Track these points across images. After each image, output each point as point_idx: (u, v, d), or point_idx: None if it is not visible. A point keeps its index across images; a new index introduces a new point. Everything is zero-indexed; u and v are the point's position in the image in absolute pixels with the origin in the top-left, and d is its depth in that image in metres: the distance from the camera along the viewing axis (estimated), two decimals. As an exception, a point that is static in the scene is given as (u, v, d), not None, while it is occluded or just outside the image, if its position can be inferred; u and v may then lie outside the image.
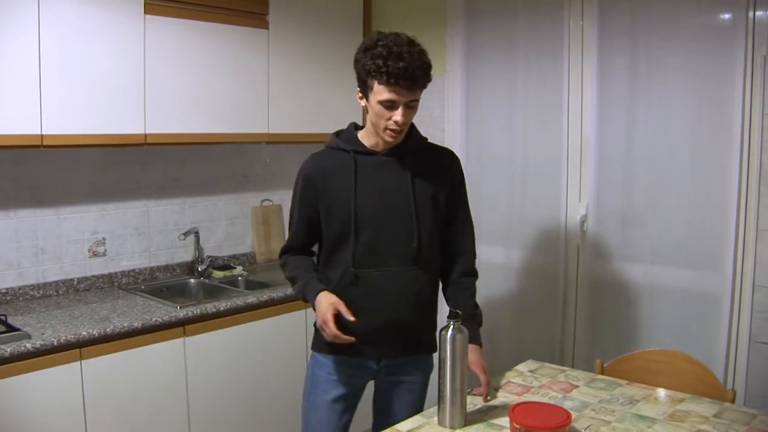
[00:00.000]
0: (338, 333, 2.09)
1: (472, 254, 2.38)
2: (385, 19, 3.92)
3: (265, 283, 3.45)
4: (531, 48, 3.37)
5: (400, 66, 2.01)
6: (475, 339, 2.21)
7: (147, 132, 2.98)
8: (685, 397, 2.17)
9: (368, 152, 2.22)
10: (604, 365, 2.47)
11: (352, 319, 2.09)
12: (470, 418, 2.02)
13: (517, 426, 1.83)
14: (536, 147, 3.40)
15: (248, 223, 3.90)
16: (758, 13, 2.71)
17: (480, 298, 2.35)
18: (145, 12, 2.93)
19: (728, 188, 2.81)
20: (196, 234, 3.58)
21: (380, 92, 2.07)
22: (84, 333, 2.59)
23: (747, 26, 2.72)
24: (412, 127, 2.27)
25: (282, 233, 4.02)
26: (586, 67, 3.18)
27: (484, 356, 2.23)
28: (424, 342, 2.34)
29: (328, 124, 3.76)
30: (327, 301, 2.14)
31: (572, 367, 2.50)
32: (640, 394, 2.20)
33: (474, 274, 2.37)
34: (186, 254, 3.60)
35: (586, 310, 3.28)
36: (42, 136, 2.68)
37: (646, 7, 3.00)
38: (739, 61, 2.74)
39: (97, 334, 2.62)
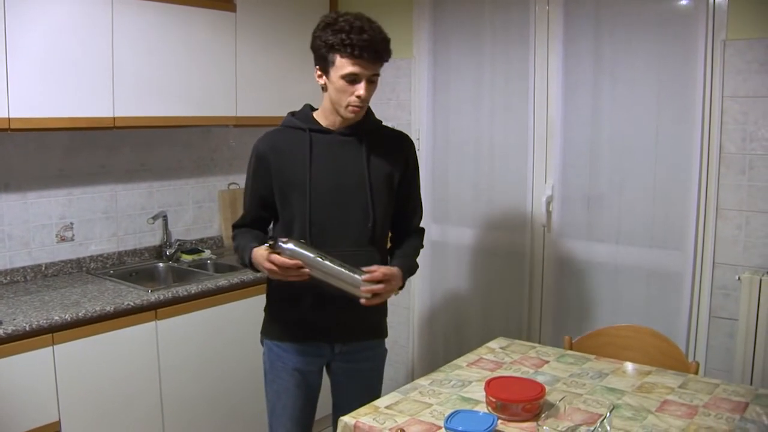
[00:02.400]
0: (287, 261, 2.02)
1: (419, 221, 2.43)
2: (351, 3, 3.93)
3: (234, 266, 3.45)
4: (497, 32, 3.42)
5: (364, 38, 2.03)
6: (400, 266, 2.21)
7: (116, 115, 2.96)
8: (651, 369, 2.25)
9: (324, 130, 2.22)
10: (573, 341, 2.54)
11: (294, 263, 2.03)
12: (445, 391, 2.08)
13: (493, 399, 1.89)
14: (502, 129, 3.46)
15: (215, 206, 3.89)
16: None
17: (448, 278, 2.39)
18: (113, -6, 2.90)
19: (690, 169, 2.91)
20: (165, 218, 3.56)
21: (343, 66, 2.07)
22: (56, 318, 2.57)
23: (707, 12, 2.81)
24: (369, 108, 2.28)
25: (249, 217, 4.02)
26: (552, 52, 3.24)
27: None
28: (376, 327, 2.37)
29: (296, 107, 3.74)
30: (262, 256, 2.09)
31: (539, 344, 2.58)
32: (608, 368, 2.28)
33: (419, 232, 2.43)
34: (154, 238, 3.58)
35: (552, 288, 3.36)
36: (9, 119, 2.64)
37: (610, -7, 3.07)
38: (700, 45, 2.83)
39: (69, 319, 2.60)
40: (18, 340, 2.48)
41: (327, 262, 2.04)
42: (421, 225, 2.44)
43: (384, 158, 2.25)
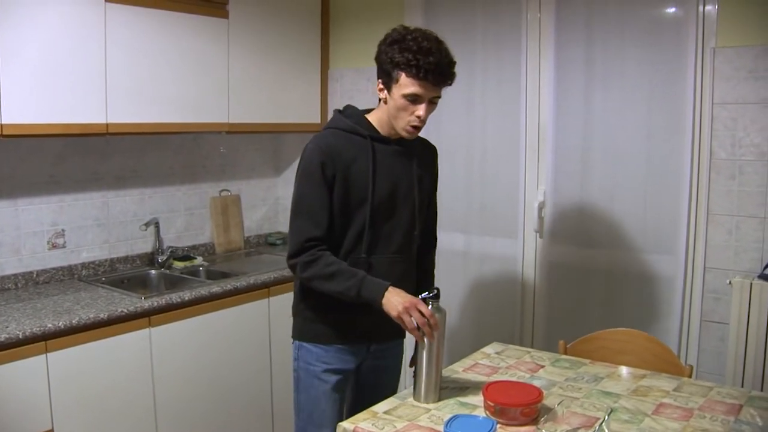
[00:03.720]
0: (431, 313, 2.02)
1: (435, 236, 2.54)
2: (343, 8, 3.95)
3: (226, 272, 3.45)
4: (489, 39, 3.44)
5: (430, 61, 2.03)
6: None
7: (108, 121, 2.95)
8: (646, 373, 2.27)
9: (384, 140, 2.23)
10: (567, 346, 2.56)
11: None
12: (444, 396, 2.08)
13: (492, 404, 1.90)
14: (495, 135, 3.48)
15: (207, 213, 3.88)
16: (707, 8, 2.84)
17: (440, 283, 2.38)
18: (106, 0, 2.89)
19: (681, 175, 2.94)
20: (157, 224, 3.55)
21: (407, 85, 2.07)
22: (49, 325, 2.56)
23: (697, 20, 2.85)
24: None
25: (241, 223, 4.02)
26: (544, 58, 3.27)
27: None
28: (400, 326, 2.36)
29: (287, 114, 3.81)
30: (404, 297, 2.05)
31: (533, 349, 2.59)
32: (603, 372, 2.29)
33: (435, 246, 2.55)
34: (146, 245, 3.57)
35: (544, 294, 3.38)
36: (2, 125, 2.63)
37: (601, 0, 3.09)
38: (690, 53, 2.87)
39: (62, 326, 2.59)
40: (11, 348, 2.45)
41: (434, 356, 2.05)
42: None
43: (423, 168, 2.32)
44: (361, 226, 2.20)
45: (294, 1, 3.76)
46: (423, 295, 2.07)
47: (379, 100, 2.21)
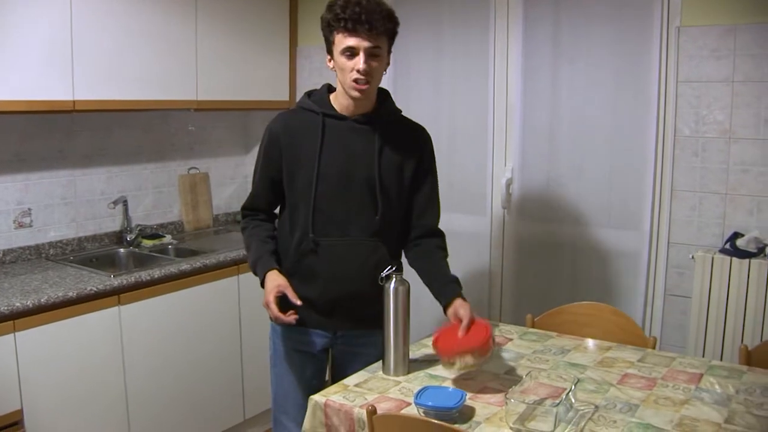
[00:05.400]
0: (280, 315, 2.06)
1: (436, 220, 2.35)
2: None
3: (195, 250, 3.44)
4: (457, 17, 3.46)
5: (356, 10, 2.01)
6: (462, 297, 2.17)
7: (75, 98, 2.91)
8: (611, 345, 2.32)
9: (338, 116, 2.18)
10: (534, 319, 2.61)
11: (298, 302, 2.07)
12: (413, 369, 2.12)
13: (447, 359, 1.96)
14: (463, 113, 3.50)
15: (175, 191, 3.86)
16: (672, -14, 2.88)
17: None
18: (72, -25, 2.85)
19: (646, 152, 3.00)
20: (125, 203, 3.52)
21: (341, 42, 2.06)
22: (17, 304, 2.53)
23: (662, -1, 2.89)
24: (387, 96, 2.26)
25: (210, 201, 4.01)
26: (512, 36, 3.29)
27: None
28: (380, 316, 2.32)
29: (256, 91, 3.78)
30: (273, 283, 2.10)
31: (501, 322, 2.64)
32: (570, 344, 2.34)
33: (439, 235, 2.36)
34: (114, 224, 3.54)
35: (512, 269, 3.43)
36: (-35, 102, 2.59)
37: (568, -21, 3.13)
38: (656, 31, 2.92)
39: (31, 305, 2.57)
40: (-22, 327, 2.44)
41: None
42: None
43: (398, 149, 2.21)
44: (307, 204, 2.16)
45: (262, -23, 3.73)
46: (385, 270, 2.08)
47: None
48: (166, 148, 3.79)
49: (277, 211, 2.36)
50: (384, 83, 3.72)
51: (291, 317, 2.07)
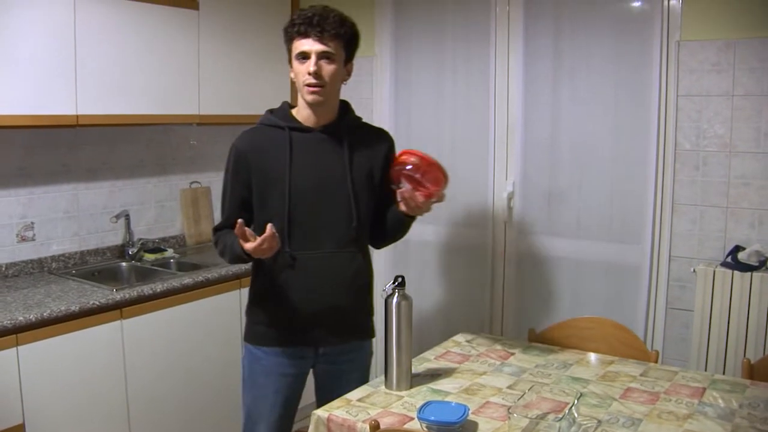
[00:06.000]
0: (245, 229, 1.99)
1: None
2: (313, 1, 3.94)
3: (197, 264, 3.44)
4: (459, 31, 3.48)
5: (307, 15, 2.08)
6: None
7: (79, 113, 2.93)
8: (613, 359, 2.33)
9: (304, 129, 2.18)
10: (536, 333, 2.61)
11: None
12: (415, 383, 2.12)
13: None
14: (464, 127, 3.52)
15: (177, 205, 3.87)
16: (672, 2, 2.90)
17: (410, 274, 2.37)
18: (76, -9, 2.87)
19: (646, 166, 3.01)
20: (127, 217, 3.53)
21: (295, 48, 2.11)
22: (20, 318, 2.53)
23: (662, 14, 2.92)
24: (348, 107, 2.28)
25: (211, 215, 4.01)
26: (513, 51, 3.31)
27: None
28: (362, 328, 2.34)
29: (258, 105, 3.73)
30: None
31: (503, 336, 2.65)
32: (572, 358, 2.35)
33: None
34: (116, 237, 3.55)
35: (513, 283, 3.43)
36: (-29, 117, 2.61)
37: (569, -6, 3.15)
38: (656, 46, 2.93)
39: (33, 319, 2.57)
40: (-19, 341, 2.44)
41: None
42: None
43: (364, 156, 2.23)
44: (282, 219, 2.13)
45: (265, -9, 3.75)
46: (388, 285, 2.09)
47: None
48: (168, 163, 3.80)
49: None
50: (385, 98, 3.78)
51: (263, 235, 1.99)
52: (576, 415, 1.80)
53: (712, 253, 2.90)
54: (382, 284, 3.81)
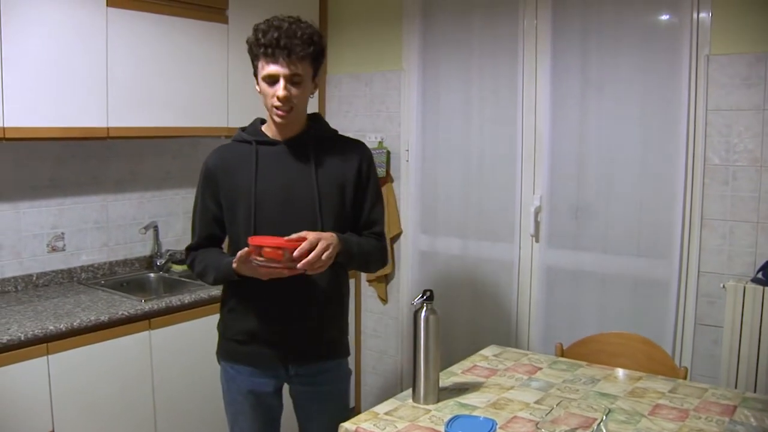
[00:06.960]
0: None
1: (381, 229, 2.29)
2: (342, 15, 3.98)
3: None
4: (486, 46, 3.48)
5: (274, 36, 1.97)
6: (342, 240, 2.08)
7: (109, 125, 2.97)
8: (642, 375, 2.30)
9: (271, 142, 2.15)
10: (564, 348, 2.59)
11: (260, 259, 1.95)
12: (443, 397, 2.11)
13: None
14: (491, 141, 3.52)
15: (205, 217, 3.89)
16: (701, 15, 2.88)
17: (437, 288, 2.32)
18: (108, 5, 2.92)
19: (675, 180, 2.98)
20: (155, 228, 3.57)
21: (262, 68, 2.03)
22: (51, 327, 2.58)
23: (691, 27, 2.89)
24: (319, 118, 2.25)
25: (239, 227, 4.04)
26: (540, 65, 3.30)
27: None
28: (336, 346, 2.28)
29: (285, 118, 3.82)
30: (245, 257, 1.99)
31: (530, 351, 2.63)
32: (600, 374, 2.33)
33: (377, 246, 2.26)
34: (144, 248, 3.59)
35: (540, 297, 3.41)
36: (4, 128, 2.65)
37: (597, 8, 3.14)
38: (685, 59, 2.91)
39: (64, 329, 2.61)
40: (12, 350, 2.48)
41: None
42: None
43: (334, 167, 2.17)
44: (248, 233, 2.08)
45: (293, 7, 3.74)
46: (416, 299, 2.08)
47: None
48: (196, 175, 3.80)
49: (224, 247, 2.31)
50: (412, 112, 3.79)
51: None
52: (605, 431, 1.79)
53: (742, 269, 2.86)
54: (409, 297, 3.84)
